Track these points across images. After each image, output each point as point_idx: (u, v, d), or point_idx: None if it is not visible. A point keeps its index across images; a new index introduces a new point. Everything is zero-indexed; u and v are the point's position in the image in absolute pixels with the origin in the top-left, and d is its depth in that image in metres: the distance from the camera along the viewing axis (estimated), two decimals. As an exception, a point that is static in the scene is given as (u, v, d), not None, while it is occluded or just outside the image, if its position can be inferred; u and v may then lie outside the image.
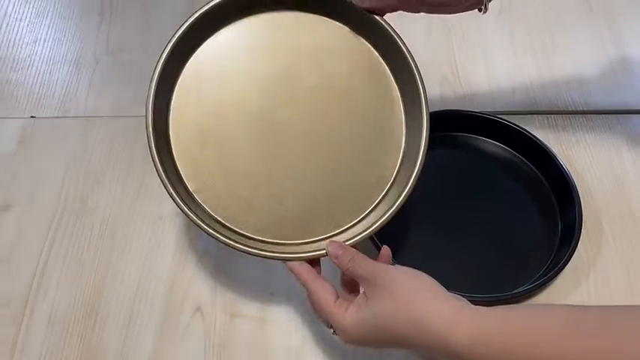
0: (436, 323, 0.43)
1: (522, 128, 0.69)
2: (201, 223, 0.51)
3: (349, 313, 0.48)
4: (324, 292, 0.50)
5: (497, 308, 0.43)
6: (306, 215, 0.54)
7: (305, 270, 0.51)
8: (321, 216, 0.55)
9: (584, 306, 0.42)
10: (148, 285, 0.62)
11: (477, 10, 0.53)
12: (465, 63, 0.79)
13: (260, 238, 0.54)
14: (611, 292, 0.61)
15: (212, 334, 0.58)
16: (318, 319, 0.52)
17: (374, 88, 0.56)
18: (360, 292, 0.49)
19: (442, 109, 0.71)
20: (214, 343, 0.58)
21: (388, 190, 0.55)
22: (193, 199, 0.54)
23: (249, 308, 0.60)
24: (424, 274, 0.47)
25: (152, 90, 0.52)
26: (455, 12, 0.53)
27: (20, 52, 0.82)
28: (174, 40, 0.53)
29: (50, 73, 0.79)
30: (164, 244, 0.64)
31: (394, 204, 0.53)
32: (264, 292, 0.61)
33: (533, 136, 0.68)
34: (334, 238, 0.54)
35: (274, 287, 0.61)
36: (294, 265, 0.52)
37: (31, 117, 0.75)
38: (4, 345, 0.58)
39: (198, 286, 0.61)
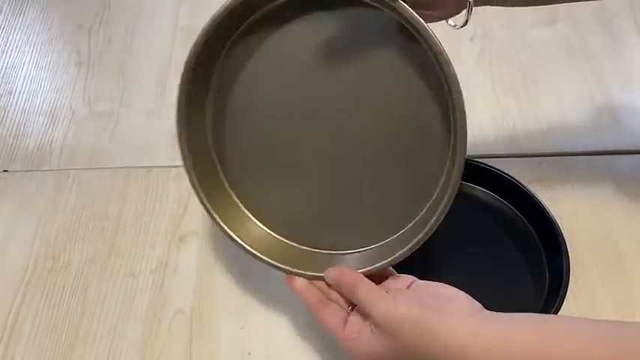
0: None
1: (505, 173, 0.67)
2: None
3: (360, 343, 0.46)
4: (332, 317, 0.49)
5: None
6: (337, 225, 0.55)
7: (311, 295, 0.51)
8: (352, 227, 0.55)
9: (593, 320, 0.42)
10: (121, 346, 0.59)
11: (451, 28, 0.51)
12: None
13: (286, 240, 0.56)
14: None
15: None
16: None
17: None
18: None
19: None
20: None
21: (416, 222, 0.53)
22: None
23: (226, 370, 0.57)
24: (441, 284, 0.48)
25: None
26: (431, 19, 0.50)
27: (-6, 105, 0.81)
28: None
29: (24, 125, 0.78)
30: (137, 302, 0.62)
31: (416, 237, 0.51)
32: (241, 352, 0.58)
33: (516, 180, 0.66)
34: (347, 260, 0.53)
35: (251, 346, 0.59)
36: (302, 289, 0.51)
37: (4, 171, 0.73)
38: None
39: (173, 346, 0.59)
